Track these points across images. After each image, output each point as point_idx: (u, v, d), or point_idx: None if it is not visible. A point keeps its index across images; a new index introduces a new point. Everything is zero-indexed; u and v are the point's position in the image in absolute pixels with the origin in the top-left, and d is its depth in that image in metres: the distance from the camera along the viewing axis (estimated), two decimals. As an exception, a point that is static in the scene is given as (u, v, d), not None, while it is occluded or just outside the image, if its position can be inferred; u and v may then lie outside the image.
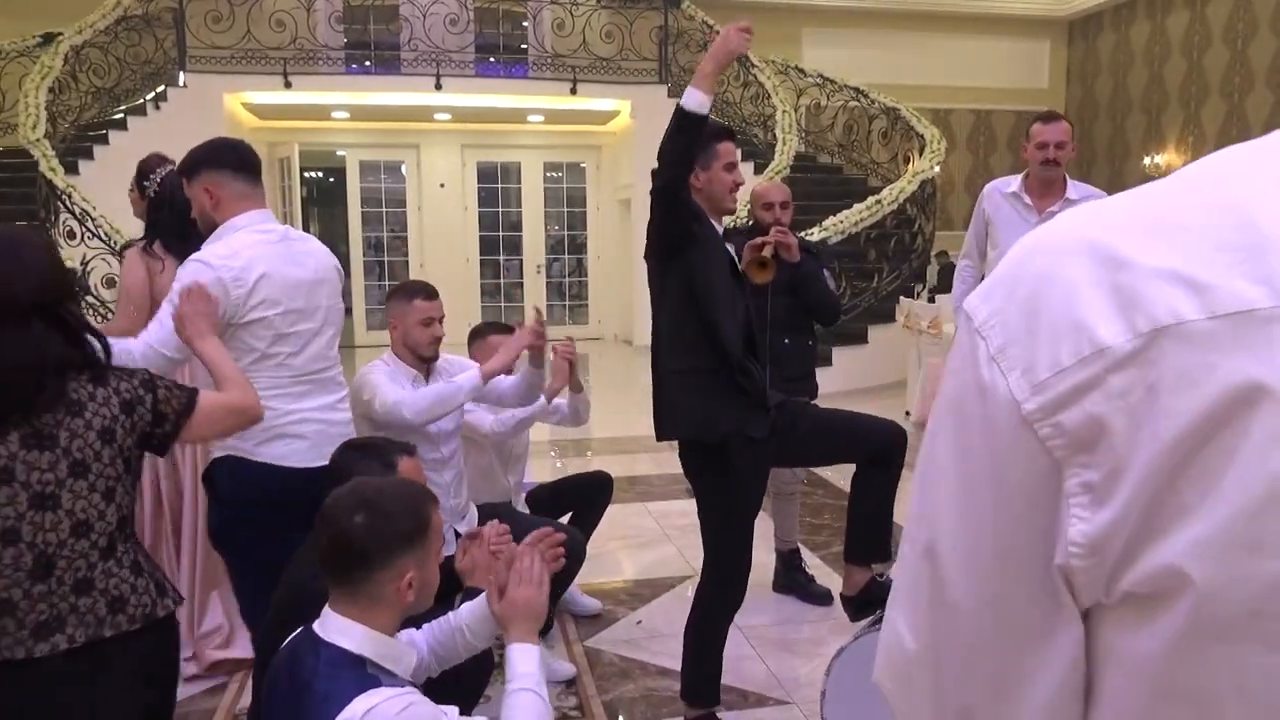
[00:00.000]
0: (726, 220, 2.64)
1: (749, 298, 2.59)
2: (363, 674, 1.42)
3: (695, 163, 2.37)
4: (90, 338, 1.54)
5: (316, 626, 1.49)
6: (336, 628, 1.47)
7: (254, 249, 2.25)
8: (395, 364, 2.87)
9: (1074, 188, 3.67)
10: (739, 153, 2.54)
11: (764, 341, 2.56)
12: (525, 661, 1.59)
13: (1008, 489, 0.50)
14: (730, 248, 2.56)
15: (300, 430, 2.29)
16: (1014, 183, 3.74)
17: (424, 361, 2.88)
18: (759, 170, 9.04)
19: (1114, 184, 12.63)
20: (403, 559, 1.49)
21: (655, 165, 2.33)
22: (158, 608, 1.60)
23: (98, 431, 1.50)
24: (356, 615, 1.48)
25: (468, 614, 1.78)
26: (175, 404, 1.61)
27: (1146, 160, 12.09)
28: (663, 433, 2.52)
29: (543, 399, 3.22)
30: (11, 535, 1.44)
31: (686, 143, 2.29)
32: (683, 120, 2.27)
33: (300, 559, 2.07)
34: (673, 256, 2.41)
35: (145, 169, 3.05)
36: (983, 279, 3.06)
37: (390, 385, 2.73)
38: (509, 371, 2.92)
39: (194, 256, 2.21)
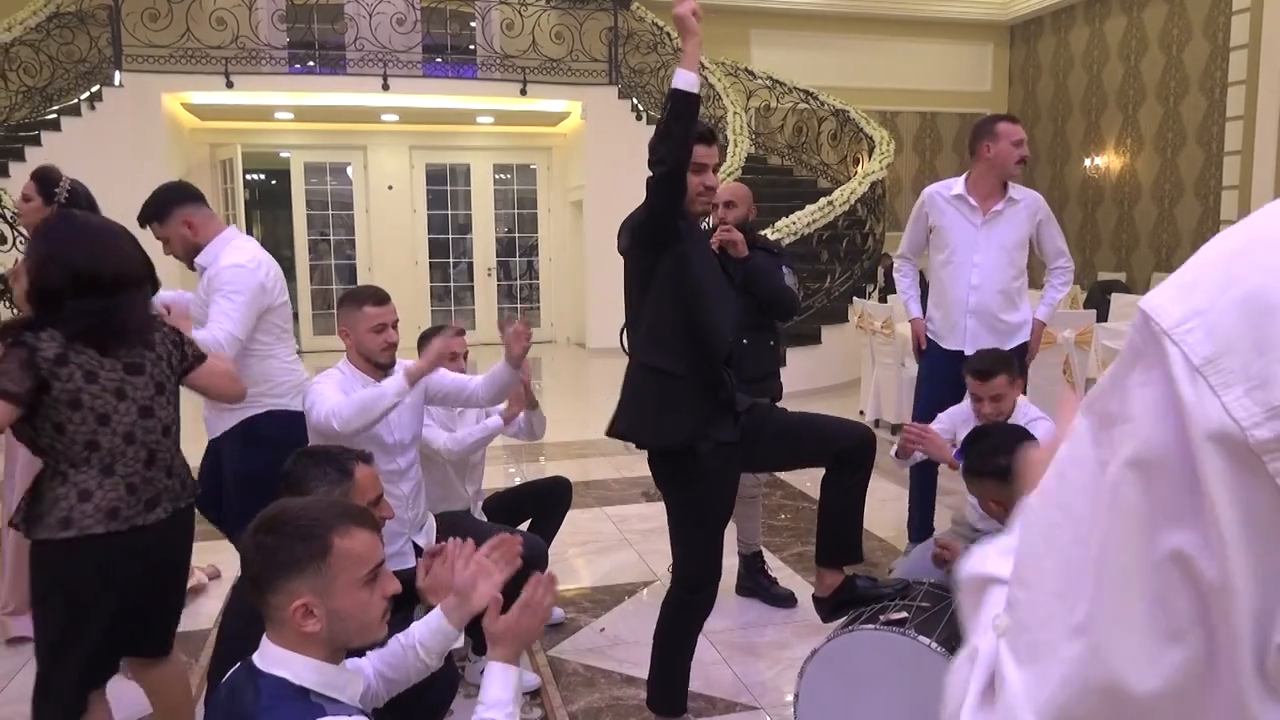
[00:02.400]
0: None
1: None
2: (306, 705, 1.35)
3: (691, 146, 2.32)
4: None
5: (256, 658, 1.43)
6: (275, 658, 1.41)
7: (258, 252, 2.92)
8: (350, 372, 2.79)
9: (1014, 188, 3.74)
10: (716, 155, 2.49)
11: (733, 344, 2.54)
12: (502, 687, 1.52)
13: (1227, 541, 0.40)
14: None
15: (305, 388, 2.87)
16: (956, 185, 3.79)
17: (380, 369, 2.80)
18: (711, 172, 9.04)
19: (1056, 184, 12.91)
20: (292, 584, 1.39)
21: (650, 153, 2.29)
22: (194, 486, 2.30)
23: (166, 362, 2.17)
24: (286, 644, 1.41)
25: (421, 631, 1.72)
26: (195, 353, 2.27)
27: (1087, 162, 12.36)
28: (616, 432, 2.48)
29: (499, 420, 3.17)
30: (130, 436, 2.07)
31: (685, 125, 2.26)
32: (678, 101, 2.24)
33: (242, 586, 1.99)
34: (658, 248, 2.37)
35: (50, 178, 3.22)
36: (921, 276, 3.06)
37: (330, 395, 2.64)
38: (466, 371, 2.89)
39: (228, 264, 2.79)
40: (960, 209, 3.76)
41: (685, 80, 2.24)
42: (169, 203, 2.89)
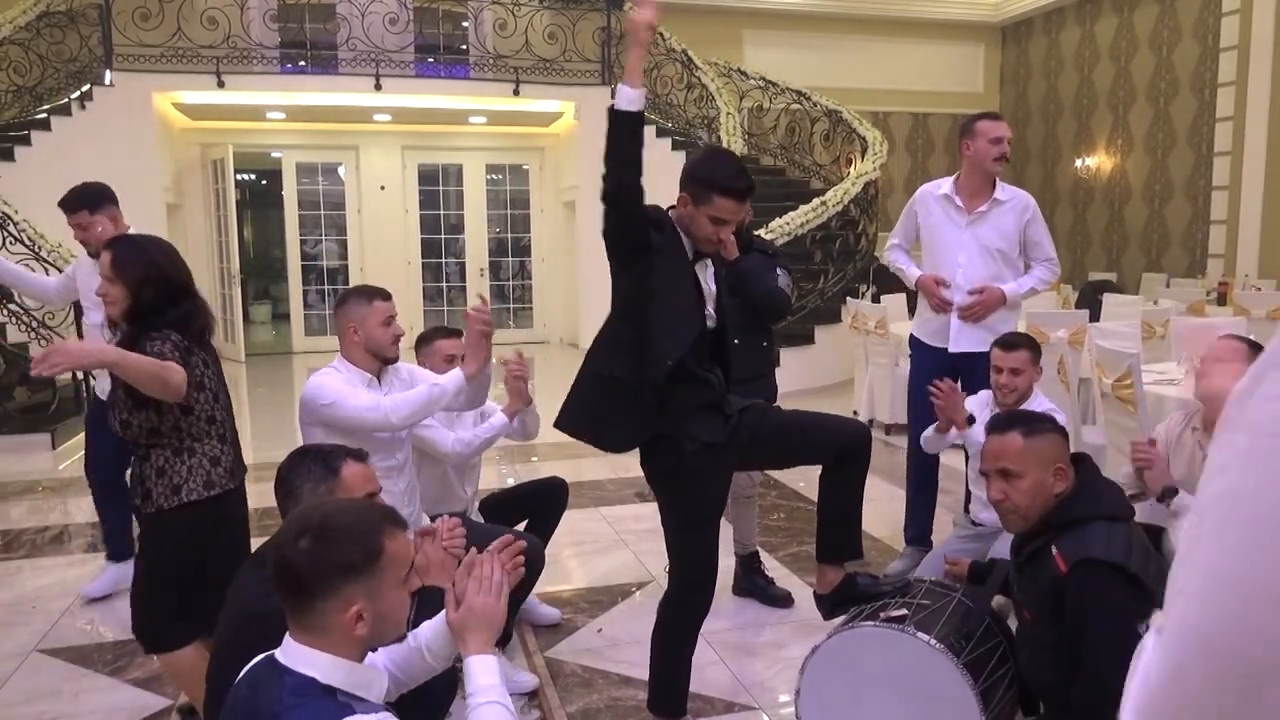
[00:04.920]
0: None
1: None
2: (335, 704, 1.34)
3: (640, 162, 2.26)
4: None
5: (279, 654, 1.41)
6: (300, 656, 1.39)
7: None
8: (349, 369, 2.80)
9: (1002, 188, 3.75)
10: (745, 213, 2.41)
11: (729, 344, 2.53)
12: (485, 674, 1.51)
13: None
14: (709, 264, 2.51)
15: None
16: (945, 185, 3.80)
17: (383, 363, 2.81)
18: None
19: (1047, 185, 12.96)
20: (348, 589, 1.39)
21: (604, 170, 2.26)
22: None
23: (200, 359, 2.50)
24: (316, 644, 1.40)
25: (428, 634, 1.70)
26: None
27: (1078, 162, 12.42)
28: (561, 424, 2.48)
29: (504, 418, 3.18)
30: (226, 411, 2.55)
31: (624, 143, 2.21)
32: (613, 119, 2.21)
33: (244, 578, 1.98)
34: (626, 262, 2.36)
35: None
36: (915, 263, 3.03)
37: (356, 391, 2.69)
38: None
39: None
40: (947, 209, 3.77)
41: (625, 98, 2.19)
42: (105, 197, 3.54)
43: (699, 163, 2.43)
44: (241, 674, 1.45)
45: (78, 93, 9.17)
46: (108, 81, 9.11)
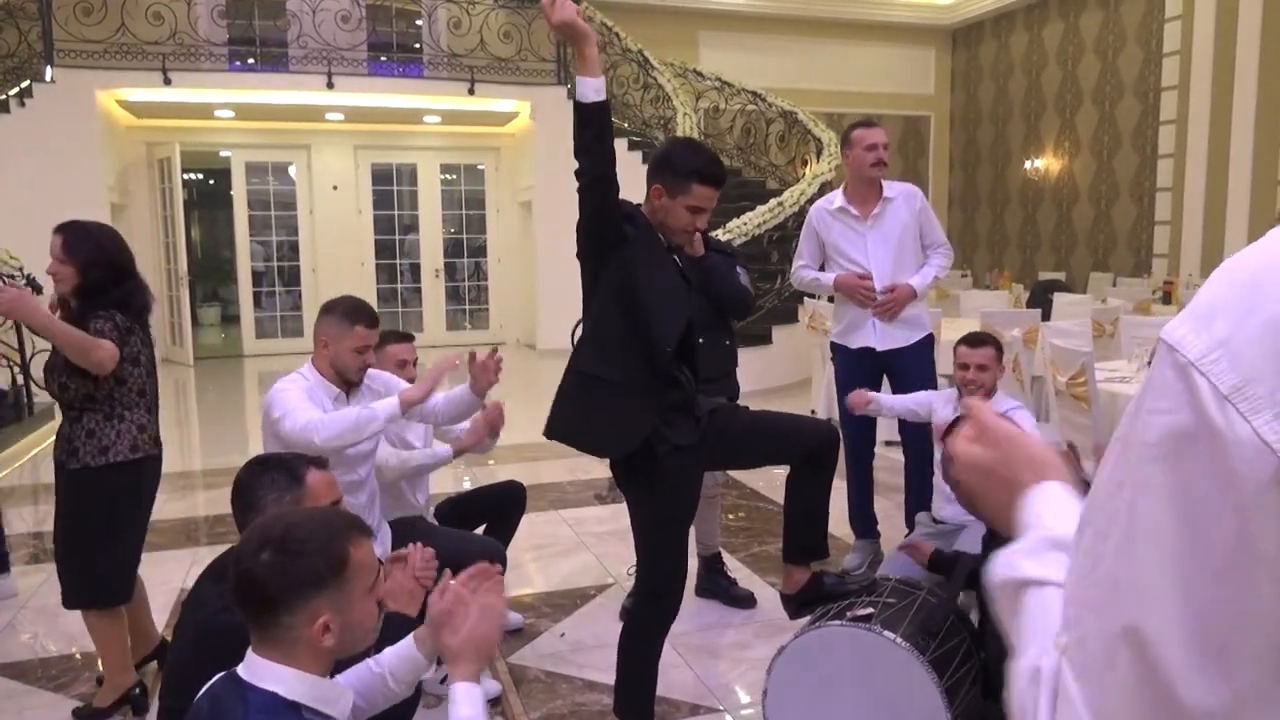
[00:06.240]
0: None
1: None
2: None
3: (612, 152, 2.25)
4: None
5: (241, 670, 1.36)
6: (263, 670, 1.34)
7: None
8: (316, 379, 2.71)
9: (888, 186, 3.87)
10: (715, 200, 2.40)
11: (694, 345, 2.51)
12: (469, 705, 1.48)
13: (1263, 559, 0.42)
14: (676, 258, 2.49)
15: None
16: (836, 198, 3.91)
17: (346, 384, 2.74)
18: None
19: (997, 186, 13.18)
20: (314, 601, 1.34)
21: (577, 164, 2.25)
22: None
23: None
24: (280, 659, 1.35)
25: (391, 660, 1.66)
26: None
27: (1027, 164, 12.64)
28: (551, 433, 2.43)
29: (449, 451, 3.14)
30: (154, 383, 2.83)
31: (593, 134, 2.20)
32: (579, 112, 2.20)
33: (202, 590, 1.92)
34: (602, 256, 2.33)
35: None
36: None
37: (304, 406, 2.57)
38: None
39: None
40: (844, 220, 3.88)
41: (587, 89, 2.17)
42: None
43: (673, 152, 2.42)
44: (202, 690, 1.40)
45: (16, 89, 8.90)
46: (48, 78, 8.86)
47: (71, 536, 2.73)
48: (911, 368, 3.82)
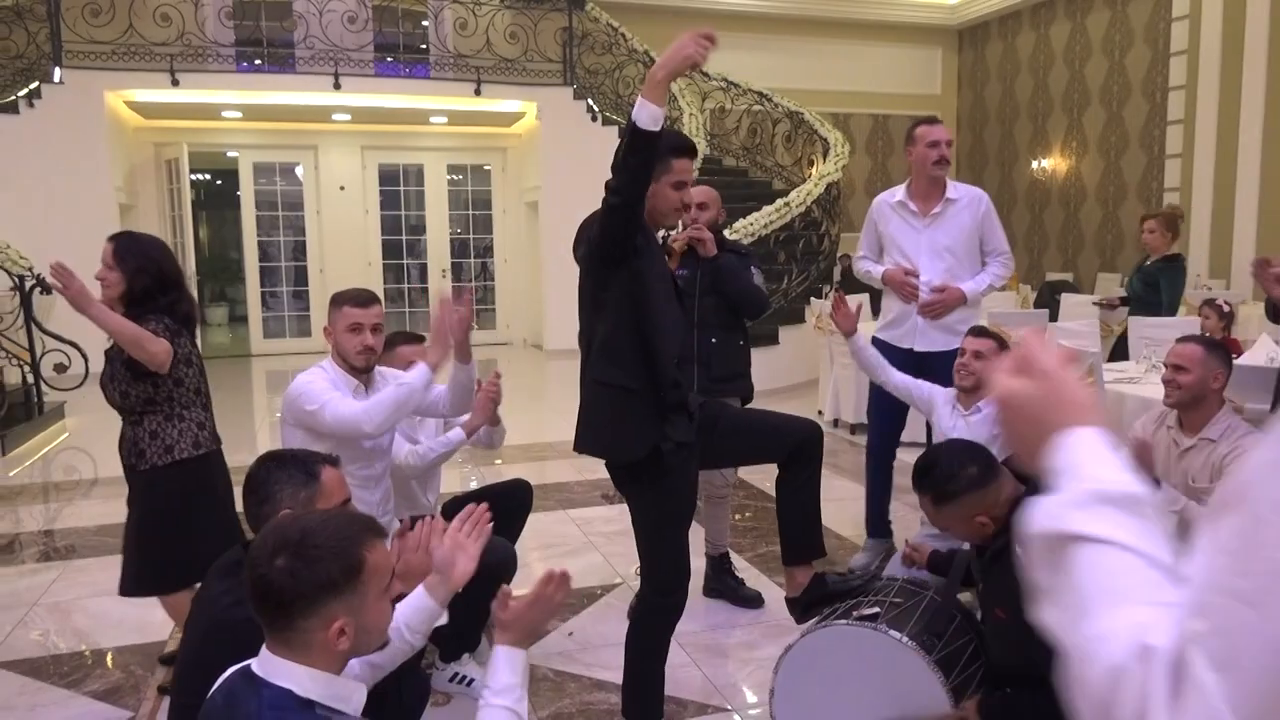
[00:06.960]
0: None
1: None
2: (313, 717, 1.31)
3: (647, 183, 2.24)
4: None
5: (255, 665, 1.37)
6: (277, 667, 1.35)
7: None
8: (335, 372, 2.76)
9: (953, 187, 3.83)
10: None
11: (690, 344, 2.53)
12: (510, 671, 1.51)
13: None
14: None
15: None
16: (899, 193, 3.89)
17: (357, 372, 2.76)
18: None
19: (1004, 186, 13.15)
20: (330, 606, 1.34)
21: (610, 178, 2.22)
22: None
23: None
24: (295, 658, 1.36)
25: (405, 612, 1.70)
26: None
27: (1034, 164, 12.61)
28: (581, 447, 2.46)
29: (461, 433, 3.14)
30: (206, 383, 2.92)
31: (641, 160, 2.16)
32: (634, 138, 2.12)
33: (211, 586, 1.93)
34: (614, 266, 2.34)
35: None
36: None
37: (338, 396, 2.64)
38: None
39: None
40: (903, 214, 3.85)
41: (645, 115, 2.10)
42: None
43: None
44: (216, 684, 1.41)
45: (25, 91, 8.94)
46: (57, 79, 8.90)
47: (148, 531, 2.84)
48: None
